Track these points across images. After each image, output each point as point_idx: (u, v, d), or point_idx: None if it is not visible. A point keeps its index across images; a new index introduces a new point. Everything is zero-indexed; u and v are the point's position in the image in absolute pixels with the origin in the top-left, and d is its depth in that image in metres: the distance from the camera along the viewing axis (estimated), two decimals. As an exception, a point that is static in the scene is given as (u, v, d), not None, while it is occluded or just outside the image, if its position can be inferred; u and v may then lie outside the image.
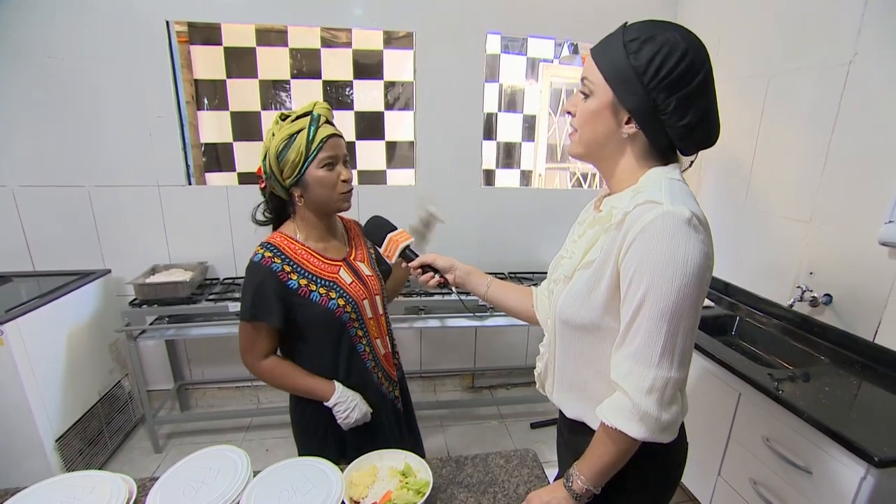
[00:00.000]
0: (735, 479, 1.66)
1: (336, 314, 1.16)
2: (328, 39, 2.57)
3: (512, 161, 3.15)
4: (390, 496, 0.94)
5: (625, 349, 0.77)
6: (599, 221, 0.84)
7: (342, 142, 1.16)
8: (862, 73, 1.63)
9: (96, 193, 2.36)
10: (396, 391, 1.38)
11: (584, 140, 0.84)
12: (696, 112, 0.75)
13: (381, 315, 1.30)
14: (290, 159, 1.09)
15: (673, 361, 0.75)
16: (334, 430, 1.23)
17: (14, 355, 1.80)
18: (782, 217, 1.97)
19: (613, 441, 0.80)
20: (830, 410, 1.34)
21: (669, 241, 0.71)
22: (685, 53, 0.72)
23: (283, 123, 1.12)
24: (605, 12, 2.50)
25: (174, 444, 2.49)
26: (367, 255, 1.33)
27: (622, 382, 0.77)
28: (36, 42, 2.14)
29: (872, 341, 1.61)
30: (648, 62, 0.73)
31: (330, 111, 1.17)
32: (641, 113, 0.77)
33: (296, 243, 1.18)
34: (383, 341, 1.31)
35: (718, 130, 0.80)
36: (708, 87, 0.75)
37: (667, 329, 0.73)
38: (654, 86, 0.74)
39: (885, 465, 1.13)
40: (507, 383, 3.09)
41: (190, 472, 0.97)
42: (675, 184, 0.78)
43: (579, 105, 0.83)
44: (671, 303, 0.72)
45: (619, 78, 0.76)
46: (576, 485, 0.85)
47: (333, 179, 1.13)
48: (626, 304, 0.76)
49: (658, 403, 0.74)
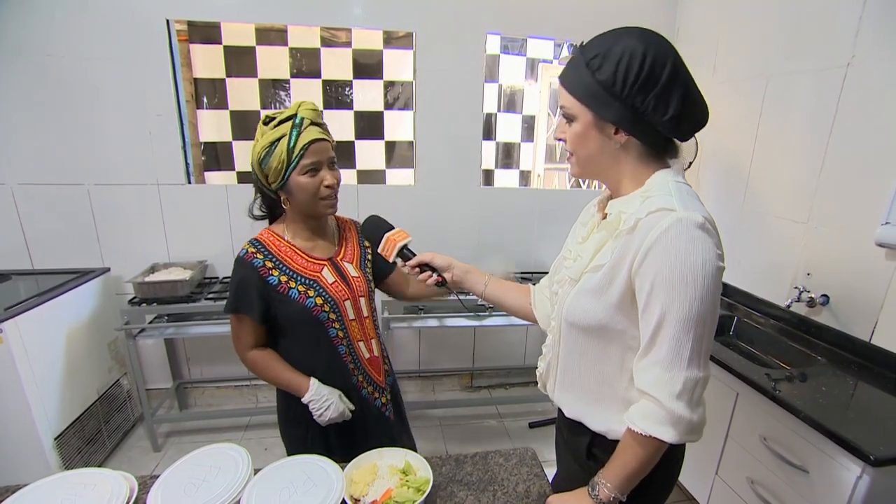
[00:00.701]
0: (732, 478, 1.67)
1: (313, 312, 1.17)
2: (328, 39, 2.57)
3: (511, 161, 3.15)
4: (390, 494, 0.94)
5: (651, 356, 0.78)
6: (607, 226, 0.84)
7: (327, 145, 1.14)
8: (859, 75, 1.64)
9: (95, 192, 2.36)
10: (384, 398, 1.34)
11: (582, 160, 0.86)
12: (676, 102, 0.76)
13: (367, 318, 1.28)
14: (273, 167, 1.09)
15: (700, 363, 0.76)
16: (315, 431, 1.24)
17: (13, 353, 1.81)
18: (780, 218, 1.98)
19: (642, 446, 0.80)
20: (827, 410, 1.35)
21: (687, 246, 0.72)
22: (645, 54, 0.74)
23: (267, 128, 1.10)
24: (605, 13, 2.50)
25: (173, 442, 2.49)
26: (359, 257, 1.31)
27: (650, 390, 0.77)
28: (36, 40, 2.14)
29: (869, 342, 1.62)
30: (613, 75, 0.75)
31: (316, 111, 1.14)
32: (625, 121, 0.78)
33: (281, 241, 1.19)
34: (367, 345, 1.29)
35: (706, 111, 0.81)
36: (678, 76, 0.76)
37: (694, 333, 0.74)
38: (626, 94, 0.75)
39: (881, 463, 1.14)
40: (506, 383, 3.10)
41: (191, 469, 0.98)
42: (682, 187, 0.79)
43: (567, 130, 0.85)
44: (695, 307, 0.73)
45: (591, 97, 0.78)
46: (602, 493, 0.85)
47: (316, 186, 1.12)
48: (648, 312, 0.77)
49: (689, 406, 0.76)
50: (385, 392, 1.35)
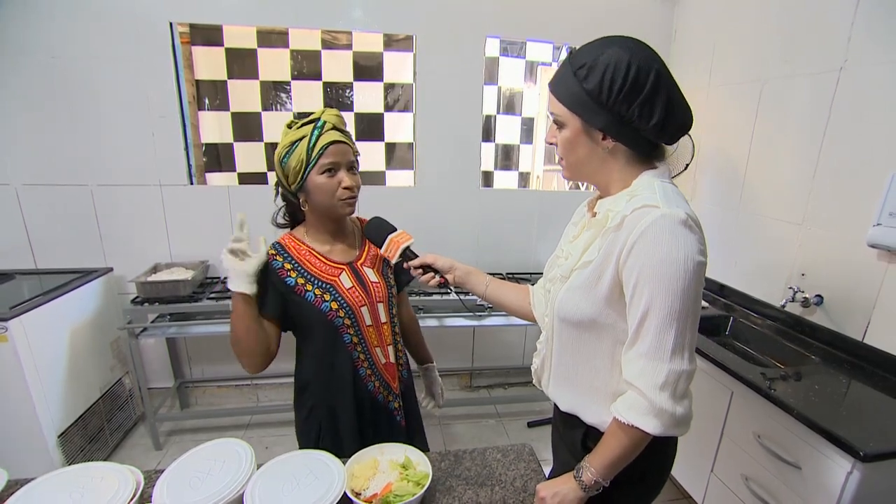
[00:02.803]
0: (727, 475, 1.69)
1: (328, 317, 1.16)
2: (329, 41, 2.59)
3: (510, 163, 3.17)
4: (391, 488, 0.96)
5: (636, 349, 0.80)
6: (595, 224, 0.87)
7: (347, 148, 1.16)
8: (852, 79, 1.67)
9: (99, 192, 2.38)
10: (397, 403, 1.32)
11: (572, 165, 0.90)
12: (660, 110, 0.78)
13: (384, 323, 1.25)
14: (292, 166, 1.11)
15: (684, 355, 0.79)
16: (327, 437, 1.24)
17: (17, 352, 1.83)
18: (775, 219, 2.01)
19: (627, 436, 0.83)
20: (820, 408, 1.37)
21: (670, 241, 0.75)
22: (629, 64, 0.76)
23: (290, 131, 1.13)
24: (602, 17, 2.52)
25: (174, 441, 2.50)
26: (381, 260, 1.29)
27: (635, 381, 0.80)
28: (40, 42, 2.16)
29: (861, 341, 1.65)
30: (599, 84, 0.78)
31: (340, 118, 1.16)
32: (612, 127, 0.81)
33: (301, 244, 1.20)
34: (384, 351, 1.26)
35: (690, 115, 0.84)
36: (661, 85, 0.78)
37: (677, 326, 0.77)
38: (612, 102, 0.78)
39: (871, 459, 1.17)
40: (505, 382, 3.12)
41: (196, 463, 0.99)
42: (667, 186, 0.82)
43: (557, 135, 0.88)
44: (678, 300, 0.76)
45: (579, 105, 0.81)
46: (585, 476, 0.87)
47: (334, 186, 1.14)
48: (634, 305, 0.80)
49: (672, 398, 0.78)
50: (398, 397, 1.33)
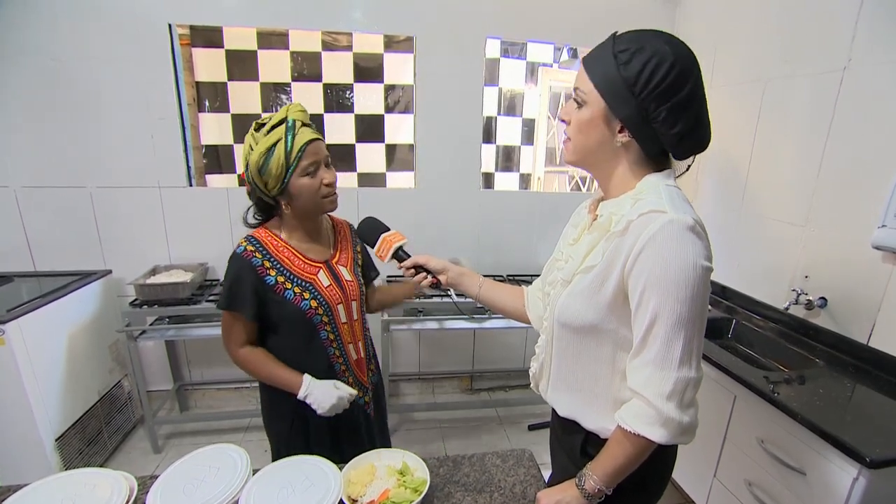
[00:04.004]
0: (730, 480, 1.67)
1: (307, 315, 1.18)
2: (329, 43, 2.59)
3: (511, 164, 3.16)
4: (388, 495, 0.95)
5: (643, 356, 0.78)
6: (598, 228, 0.85)
7: (321, 144, 1.16)
8: (856, 79, 1.65)
9: (98, 194, 2.38)
10: (367, 397, 1.37)
11: (578, 148, 0.86)
12: (686, 121, 0.77)
13: (356, 320, 1.31)
14: (272, 172, 1.10)
15: (691, 363, 0.77)
16: (297, 427, 1.26)
17: (15, 354, 1.82)
18: (778, 221, 1.99)
19: (633, 444, 0.81)
20: (824, 412, 1.35)
21: (678, 248, 0.73)
22: (674, 64, 0.74)
23: (259, 135, 1.12)
24: (603, 18, 2.52)
25: (173, 444, 2.49)
26: (352, 260, 1.34)
27: (641, 389, 0.78)
28: (39, 44, 2.15)
29: (866, 344, 1.62)
30: (639, 73, 0.75)
31: (305, 112, 1.16)
32: (633, 122, 0.78)
33: (279, 240, 1.20)
34: (356, 347, 1.32)
35: (709, 136, 0.82)
36: (697, 97, 0.77)
37: (685, 334, 0.75)
38: (644, 96, 0.75)
39: (877, 465, 1.14)
40: (506, 385, 3.10)
41: (190, 469, 0.98)
42: (673, 191, 0.80)
43: (573, 114, 0.84)
44: (686, 308, 0.74)
45: (610, 88, 0.78)
46: (588, 484, 0.86)
47: (316, 186, 1.15)
48: (640, 312, 0.78)
49: (679, 407, 0.76)
50: (368, 391, 1.38)
